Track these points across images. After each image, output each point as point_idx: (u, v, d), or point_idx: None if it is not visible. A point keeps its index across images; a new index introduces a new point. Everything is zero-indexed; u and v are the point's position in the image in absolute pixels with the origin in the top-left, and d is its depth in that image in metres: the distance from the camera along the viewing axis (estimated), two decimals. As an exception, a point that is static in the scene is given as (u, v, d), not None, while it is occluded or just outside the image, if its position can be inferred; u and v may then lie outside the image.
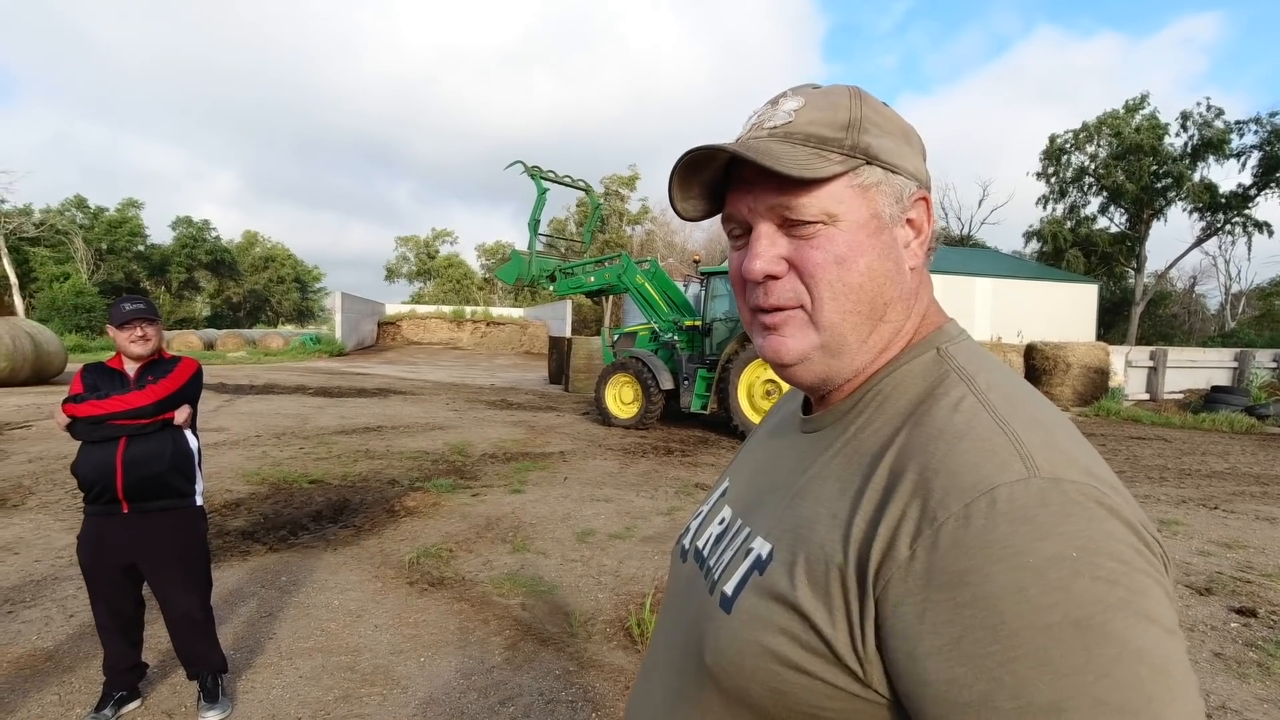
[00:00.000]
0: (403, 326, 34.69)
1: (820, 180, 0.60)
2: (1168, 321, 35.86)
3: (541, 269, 12.25)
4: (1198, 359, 17.33)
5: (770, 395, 9.53)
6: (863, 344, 0.64)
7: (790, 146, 0.61)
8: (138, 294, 2.75)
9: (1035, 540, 0.47)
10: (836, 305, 0.61)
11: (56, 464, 6.92)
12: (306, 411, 11.31)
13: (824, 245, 0.61)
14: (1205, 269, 42.94)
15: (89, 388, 2.68)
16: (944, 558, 0.49)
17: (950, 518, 0.49)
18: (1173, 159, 28.09)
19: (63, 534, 4.83)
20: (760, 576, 0.60)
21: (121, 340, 2.68)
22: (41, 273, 37.20)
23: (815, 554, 0.56)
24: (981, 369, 0.61)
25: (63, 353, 15.96)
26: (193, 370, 2.82)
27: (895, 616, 0.51)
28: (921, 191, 0.65)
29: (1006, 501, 0.49)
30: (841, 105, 0.63)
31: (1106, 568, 0.47)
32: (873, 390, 0.63)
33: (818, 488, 0.61)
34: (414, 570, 4.31)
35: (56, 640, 3.32)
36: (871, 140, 0.62)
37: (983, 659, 0.47)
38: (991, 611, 0.47)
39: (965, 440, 0.53)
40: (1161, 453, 9.81)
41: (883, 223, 0.62)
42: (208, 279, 53.27)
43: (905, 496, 0.52)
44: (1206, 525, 5.83)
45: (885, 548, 0.52)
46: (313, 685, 2.99)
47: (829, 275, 0.61)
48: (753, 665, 0.58)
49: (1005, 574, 0.47)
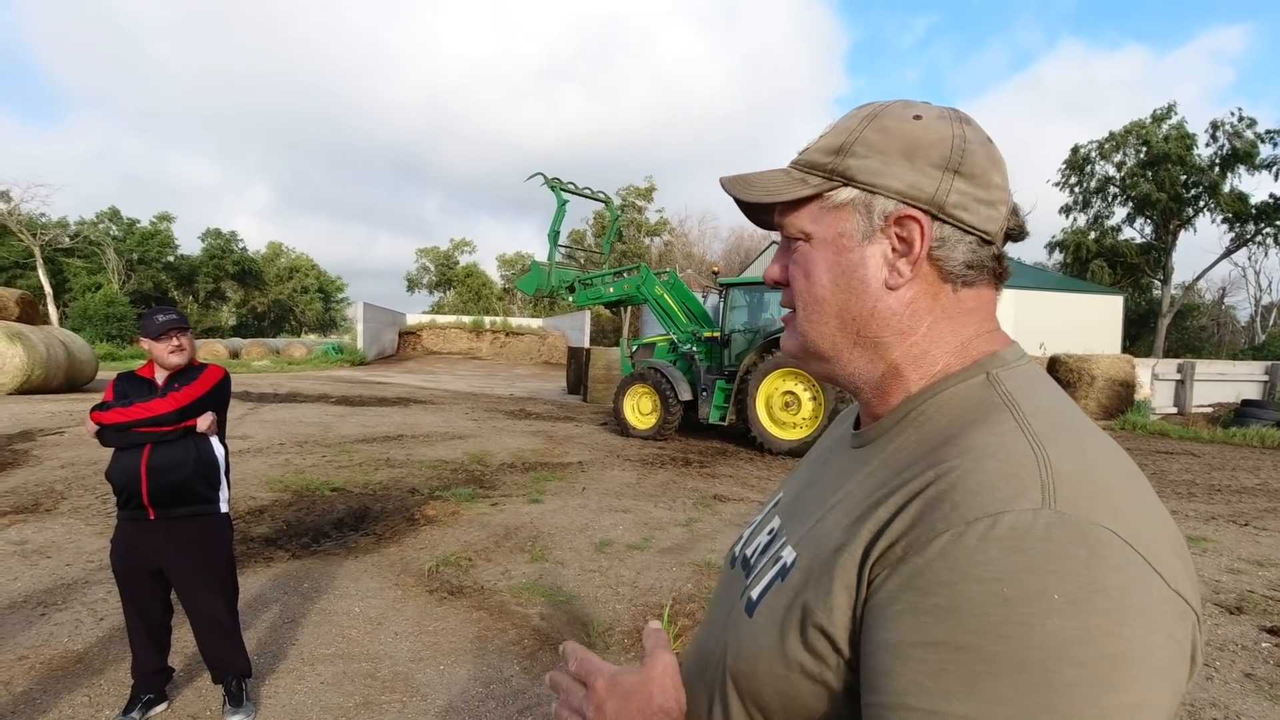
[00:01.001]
0: (423, 336, 35.01)
1: (798, 202, 0.66)
2: (1196, 334, 35.15)
3: (561, 280, 12.32)
4: (1227, 372, 16.96)
5: (789, 407, 9.49)
6: (843, 354, 0.67)
7: (782, 173, 0.68)
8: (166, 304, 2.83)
9: (1021, 571, 0.46)
10: (806, 314, 0.68)
11: (87, 470, 7.07)
12: (329, 420, 11.45)
13: (799, 260, 0.67)
14: (1235, 280, 42.00)
15: (119, 395, 2.75)
16: (928, 566, 0.49)
17: (948, 531, 0.50)
18: (1202, 169, 27.65)
19: (93, 539, 4.94)
20: (782, 582, 0.62)
21: (159, 351, 2.74)
22: (75, 283, 38.12)
23: (828, 557, 0.58)
24: (1030, 394, 0.60)
25: (94, 361, 16.33)
26: (217, 378, 2.85)
27: (870, 610, 0.53)
28: (908, 210, 0.62)
29: (1007, 529, 0.48)
30: (846, 129, 0.66)
31: (1088, 621, 0.45)
32: (915, 410, 0.64)
33: (847, 500, 0.62)
34: (434, 578, 4.34)
35: (86, 643, 3.39)
36: (854, 162, 0.63)
37: (917, 661, 0.48)
38: (947, 624, 0.47)
39: (991, 461, 0.52)
40: (1190, 468, 9.61)
41: (852, 241, 0.64)
42: (234, 289, 54.25)
43: (918, 507, 0.53)
44: (1236, 542, 5.70)
45: (885, 548, 0.53)
46: (334, 691, 3.03)
47: (800, 287, 0.68)
48: (766, 668, 0.59)
49: (976, 594, 0.47)
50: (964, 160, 0.62)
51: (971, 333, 0.66)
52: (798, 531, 0.66)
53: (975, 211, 0.62)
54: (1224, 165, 27.48)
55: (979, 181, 0.62)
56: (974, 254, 0.63)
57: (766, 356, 9.59)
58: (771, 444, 9.52)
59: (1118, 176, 30.09)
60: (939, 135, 0.62)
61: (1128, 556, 0.47)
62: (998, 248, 0.65)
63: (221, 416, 2.90)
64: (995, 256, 0.65)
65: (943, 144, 0.62)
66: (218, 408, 2.87)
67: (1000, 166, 0.64)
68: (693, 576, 4.49)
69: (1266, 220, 27.60)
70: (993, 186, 0.63)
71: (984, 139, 0.64)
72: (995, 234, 0.64)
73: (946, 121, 0.63)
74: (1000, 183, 0.64)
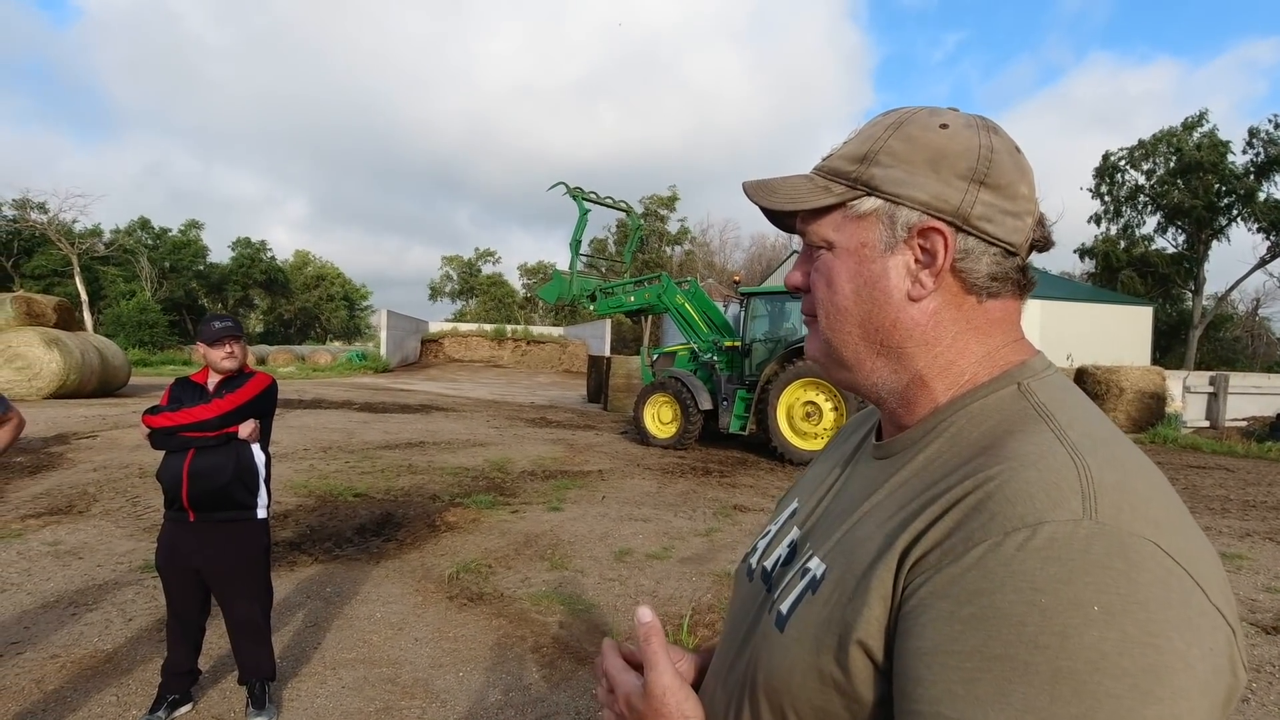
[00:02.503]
0: (445, 344, 35.37)
1: (821, 210, 0.66)
2: (1229, 345, 34.30)
3: (582, 288, 12.39)
4: (1262, 385, 16.53)
5: (810, 417, 9.42)
6: (864, 363, 0.66)
7: (805, 180, 0.67)
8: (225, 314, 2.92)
9: (1059, 582, 0.46)
10: (829, 323, 0.67)
11: (120, 473, 7.23)
12: (352, 426, 11.59)
13: (821, 268, 0.67)
14: (1270, 291, 40.70)
15: (172, 400, 2.84)
16: (965, 575, 0.49)
17: (986, 540, 0.49)
18: (1237, 175, 27.06)
19: (124, 540, 5.04)
20: (813, 595, 0.61)
21: (213, 357, 2.83)
22: (110, 290, 39.09)
23: (864, 569, 0.57)
24: (1064, 405, 0.59)
25: (127, 366, 16.72)
26: (263, 386, 2.91)
27: (904, 617, 0.52)
28: (932, 221, 0.61)
29: (1046, 539, 0.47)
30: (871, 137, 0.65)
31: (1127, 632, 0.44)
32: (945, 421, 0.63)
33: (879, 512, 0.61)
34: (454, 585, 4.37)
35: (115, 643, 3.46)
36: (878, 171, 0.63)
37: (951, 669, 0.47)
38: (982, 632, 0.47)
39: (1031, 470, 0.51)
40: (1223, 483, 9.36)
41: (875, 251, 0.63)
42: (261, 296, 55.24)
43: (956, 516, 0.52)
44: (1274, 560, 5.53)
45: (920, 556, 0.53)
46: (355, 696, 3.05)
47: (821, 295, 0.68)
48: (800, 684, 0.58)
49: (1012, 604, 0.46)
50: (990, 171, 0.61)
51: (998, 343, 0.65)
52: (825, 543, 0.65)
53: (1000, 223, 0.61)
54: (1260, 173, 26.88)
55: (1005, 193, 0.61)
56: (998, 266, 0.62)
57: (787, 366, 9.54)
58: (792, 454, 9.45)
59: (1148, 185, 29.57)
60: (965, 145, 0.61)
61: (1169, 569, 0.47)
62: (1022, 259, 0.64)
63: (266, 425, 2.96)
64: (1020, 268, 0.64)
65: (969, 154, 0.61)
66: (262, 415, 2.93)
67: (1028, 176, 0.63)
68: (712, 586, 4.46)
69: (1303, 230, 26.93)
70: (1019, 198, 0.62)
71: (1011, 148, 0.63)
72: (1020, 245, 0.63)
73: (974, 131, 0.62)
74: (1027, 193, 0.63)
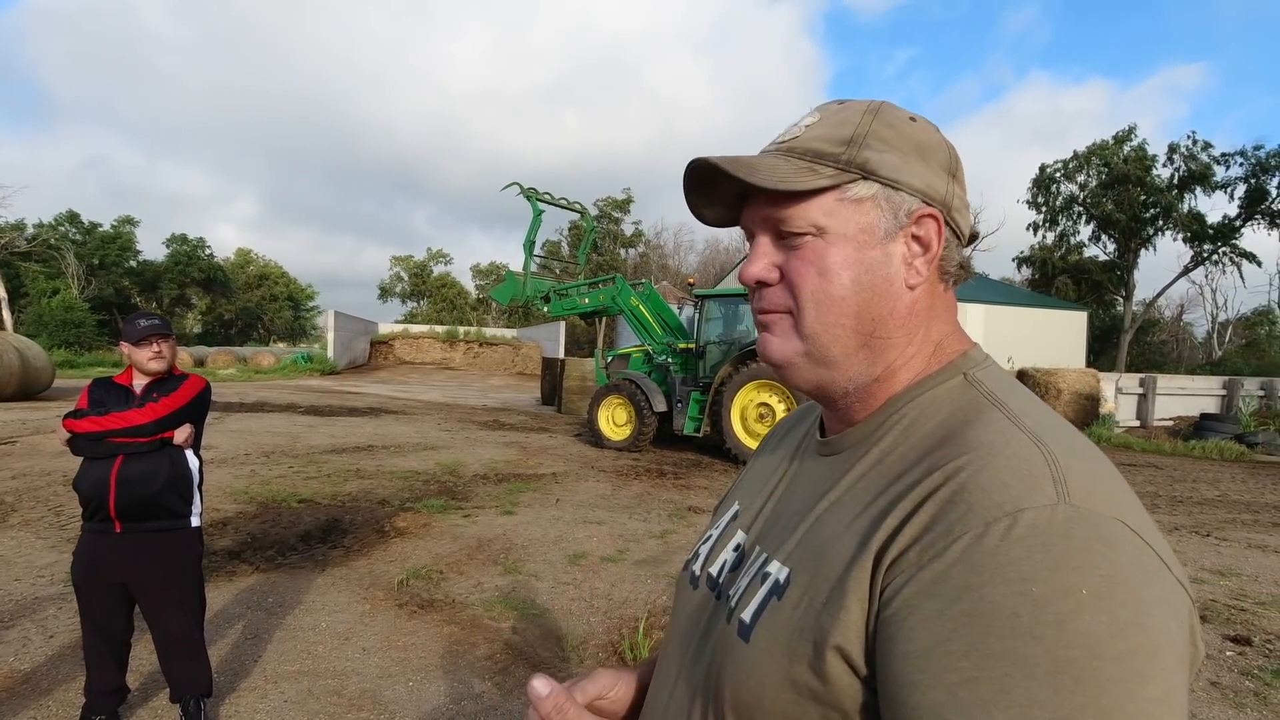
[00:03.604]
0: (395, 346, 34.59)
1: (808, 193, 0.62)
2: (1156, 349, 36.19)
3: (536, 290, 12.27)
4: (1187, 386, 17.48)
5: (764, 419, 9.52)
6: (850, 357, 0.63)
7: (784, 160, 0.63)
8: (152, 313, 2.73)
9: (1047, 569, 0.45)
10: (818, 315, 0.63)
11: (40, 481, 6.82)
12: (297, 430, 11.21)
13: (809, 256, 0.63)
14: (1193, 298, 43.31)
15: (94, 403, 2.65)
16: (950, 571, 0.47)
17: (967, 533, 0.48)
18: (1160, 190, 28.58)
19: (45, 553, 4.74)
20: (779, 601, 0.58)
21: (139, 357, 2.65)
22: (32, 288, 36.95)
23: (835, 571, 0.55)
24: (1011, 394, 0.60)
25: (50, 368, 15.81)
26: (198, 389, 2.77)
27: (885, 620, 0.50)
28: (927, 209, 0.62)
29: (1028, 526, 0.47)
30: (850, 121, 0.63)
31: (1117, 615, 0.44)
32: (896, 414, 0.62)
33: (840, 510, 0.59)
34: (403, 592, 4.24)
35: (34, 662, 3.24)
36: (871, 155, 0.61)
37: (947, 671, 0.45)
38: (976, 629, 0.45)
39: (999, 458, 0.51)
40: (1153, 480, 9.84)
41: (874, 237, 0.62)
42: (200, 296, 53.11)
43: (931, 510, 0.51)
44: (1199, 552, 5.83)
45: (897, 555, 0.51)
46: (298, 710, 2.92)
47: (811, 285, 0.63)
48: (773, 696, 0.55)
49: (1004, 596, 0.45)
50: (957, 166, 0.65)
51: (947, 331, 0.66)
52: (783, 545, 0.62)
53: (964, 215, 0.65)
54: (1181, 187, 28.46)
55: (964, 186, 0.66)
56: (961, 255, 0.65)
57: (741, 368, 9.62)
58: (746, 455, 9.52)
59: (1081, 196, 30.97)
60: (938, 140, 0.65)
61: (1140, 547, 0.48)
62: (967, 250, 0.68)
63: (199, 429, 2.81)
64: None
65: (942, 148, 0.64)
66: (196, 420, 2.79)
67: None
68: (668, 589, 4.44)
69: (1222, 240, 28.59)
70: (967, 191, 0.67)
71: None
72: (967, 237, 0.67)
73: (934, 128, 0.66)
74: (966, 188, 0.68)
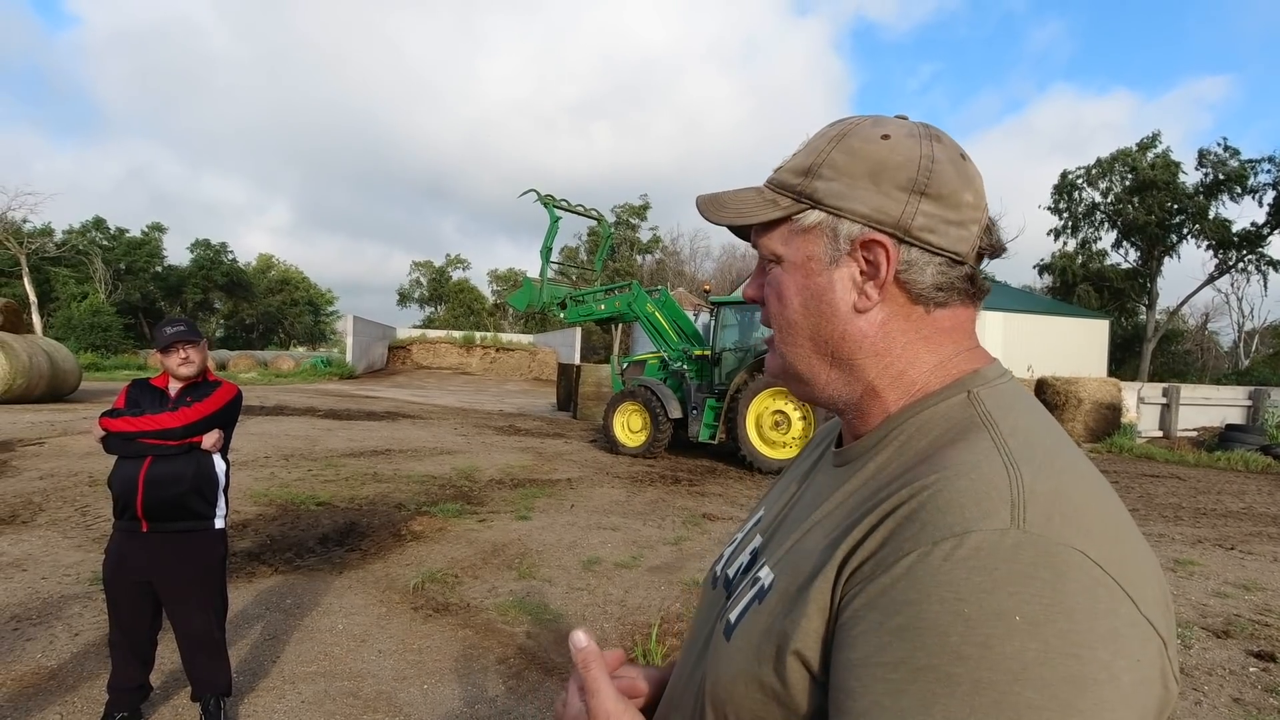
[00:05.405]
0: (413, 350, 34.86)
1: (772, 223, 0.66)
2: (1180, 358, 35.55)
3: (553, 296, 12.33)
4: (1211, 396, 17.13)
5: (779, 426, 9.49)
6: (820, 376, 0.66)
7: (755, 193, 0.67)
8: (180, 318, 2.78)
9: (982, 592, 0.46)
10: (782, 337, 0.68)
11: (67, 481, 6.96)
12: (315, 433, 11.34)
13: (773, 282, 0.68)
14: (1218, 306, 42.45)
15: (130, 403, 2.73)
16: (894, 585, 0.49)
17: (915, 550, 0.49)
18: (1188, 194, 28.17)
19: (71, 552, 4.84)
20: (759, 605, 0.61)
21: (169, 364, 2.73)
22: (61, 292, 37.73)
23: (805, 580, 0.57)
24: (1010, 412, 0.59)
25: (78, 371, 16.13)
26: (230, 396, 2.85)
27: (839, 629, 0.52)
28: (872, 234, 0.61)
29: (972, 549, 0.47)
30: (815, 149, 0.65)
31: (1049, 643, 0.44)
32: (896, 429, 0.63)
33: (828, 521, 0.61)
34: (419, 595, 4.28)
35: (60, 659, 3.32)
36: (820, 185, 0.63)
37: (878, 681, 0.47)
38: (908, 643, 0.47)
39: (964, 480, 0.51)
40: (1176, 491, 9.66)
41: (820, 264, 0.63)
42: (223, 300, 53.89)
43: (889, 526, 0.52)
44: (1223, 566, 5.72)
45: (856, 567, 0.53)
46: (315, 711, 2.96)
47: (774, 309, 0.68)
48: (743, 693, 0.58)
49: (938, 615, 0.46)
50: (930, 181, 0.60)
51: (950, 352, 0.64)
52: (777, 553, 0.65)
53: (944, 233, 0.61)
54: (1209, 192, 28.01)
55: (947, 202, 0.61)
56: (943, 275, 0.62)
57: (757, 375, 9.60)
58: (761, 463, 9.50)
59: (1104, 202, 30.60)
60: (906, 156, 0.61)
61: (1096, 579, 0.47)
62: (970, 267, 0.64)
63: (228, 434, 2.89)
64: (968, 276, 0.64)
65: (909, 165, 0.61)
66: (226, 426, 2.86)
67: (973, 183, 0.63)
68: (681, 595, 4.45)
69: (1248, 247, 28.10)
70: (963, 206, 0.61)
71: (955, 155, 0.63)
72: (966, 254, 0.63)
73: (916, 140, 0.62)
74: (973, 201, 0.62)
